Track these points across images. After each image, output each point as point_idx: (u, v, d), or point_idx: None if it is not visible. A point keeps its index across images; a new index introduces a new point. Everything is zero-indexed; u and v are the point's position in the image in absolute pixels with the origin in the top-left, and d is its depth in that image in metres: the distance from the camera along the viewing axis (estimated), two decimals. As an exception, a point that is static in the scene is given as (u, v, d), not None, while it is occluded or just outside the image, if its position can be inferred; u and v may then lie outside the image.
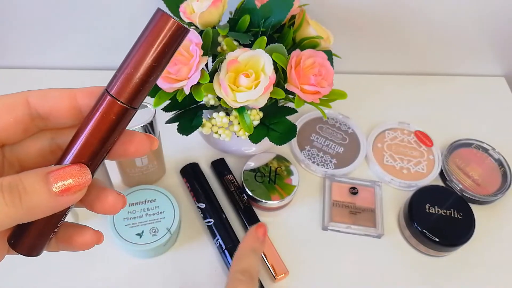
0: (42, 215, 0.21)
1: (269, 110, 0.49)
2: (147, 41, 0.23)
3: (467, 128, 0.67)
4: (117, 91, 0.22)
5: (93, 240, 0.24)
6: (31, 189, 0.20)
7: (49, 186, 0.20)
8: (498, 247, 0.55)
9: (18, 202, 0.19)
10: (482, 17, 0.66)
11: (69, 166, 0.21)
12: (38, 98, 0.23)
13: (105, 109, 0.22)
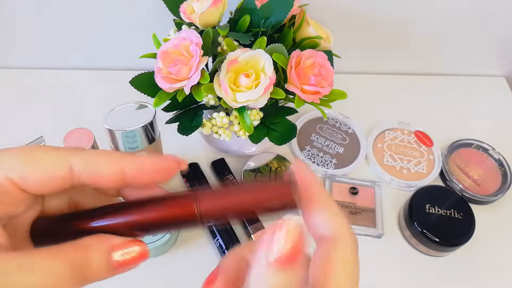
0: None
1: (269, 110, 0.49)
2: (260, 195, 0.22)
3: (467, 128, 0.67)
4: (205, 211, 0.22)
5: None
6: (96, 269, 0.21)
7: (111, 265, 0.21)
8: (498, 247, 0.55)
9: (85, 280, 0.20)
10: (482, 17, 0.66)
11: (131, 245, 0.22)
12: (84, 167, 0.22)
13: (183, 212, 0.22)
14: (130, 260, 0.22)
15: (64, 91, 0.65)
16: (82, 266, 0.20)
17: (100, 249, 0.21)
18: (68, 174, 0.21)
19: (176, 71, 0.42)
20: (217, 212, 0.22)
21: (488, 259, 0.54)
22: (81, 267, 0.20)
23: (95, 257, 0.21)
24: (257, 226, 0.52)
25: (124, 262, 0.21)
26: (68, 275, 0.20)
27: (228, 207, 0.22)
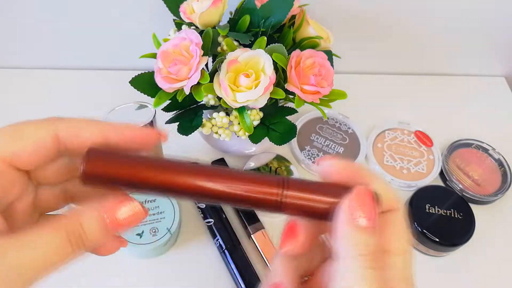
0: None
1: (269, 110, 0.49)
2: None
3: (467, 128, 0.67)
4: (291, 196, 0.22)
5: (116, 247, 0.25)
6: (92, 237, 0.21)
7: (105, 226, 0.22)
8: (498, 247, 0.55)
9: (82, 247, 0.21)
10: (482, 17, 0.66)
11: (123, 205, 0.22)
12: (69, 134, 0.22)
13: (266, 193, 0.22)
14: (124, 220, 0.22)
15: (64, 91, 0.65)
16: (77, 232, 0.21)
17: (92, 213, 0.22)
18: (55, 142, 0.22)
19: (176, 71, 0.42)
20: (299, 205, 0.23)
21: (488, 259, 0.54)
22: (76, 233, 0.21)
23: (87, 221, 0.21)
24: (257, 226, 0.52)
25: (118, 222, 0.22)
26: (65, 243, 0.21)
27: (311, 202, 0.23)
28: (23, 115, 0.66)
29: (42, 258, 0.20)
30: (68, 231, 0.21)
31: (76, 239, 0.21)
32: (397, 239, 0.23)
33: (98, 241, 0.22)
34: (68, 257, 0.21)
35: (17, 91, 0.65)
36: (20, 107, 0.63)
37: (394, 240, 0.23)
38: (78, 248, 0.21)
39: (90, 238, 0.21)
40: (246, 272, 0.48)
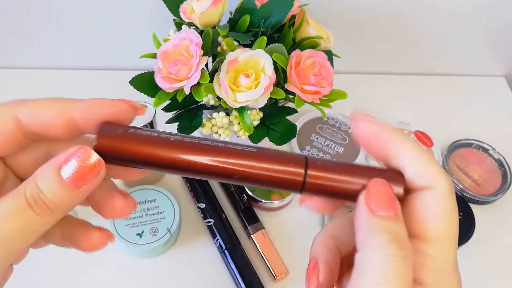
0: (75, 205, 0.21)
1: (269, 110, 0.49)
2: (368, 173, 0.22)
3: (467, 128, 0.66)
4: (314, 176, 0.21)
5: (100, 242, 0.23)
6: (50, 193, 0.20)
7: (64, 183, 0.20)
8: (498, 247, 0.55)
9: (47, 209, 0.20)
10: (482, 17, 0.66)
11: (72, 153, 0.20)
12: (30, 116, 0.21)
13: (289, 173, 0.21)
14: (81, 172, 0.20)
15: (64, 91, 0.65)
16: (34, 192, 0.19)
17: (46, 172, 0.20)
18: (17, 126, 0.21)
19: (176, 71, 0.42)
20: (320, 185, 0.21)
21: (488, 259, 0.54)
22: (34, 194, 0.19)
23: (44, 181, 0.20)
24: (257, 226, 0.52)
25: (76, 176, 0.20)
26: (26, 208, 0.19)
27: (333, 182, 0.22)
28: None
29: (4, 228, 0.19)
30: (26, 195, 0.19)
31: (35, 200, 0.19)
32: (429, 223, 0.20)
33: (62, 199, 0.20)
34: (36, 224, 0.20)
35: (17, 91, 0.65)
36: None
37: (425, 223, 0.20)
38: (41, 210, 0.19)
39: (50, 197, 0.19)
40: (246, 272, 0.48)
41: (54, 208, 0.20)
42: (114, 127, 0.21)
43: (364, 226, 0.20)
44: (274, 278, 0.49)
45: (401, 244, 0.19)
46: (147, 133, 0.21)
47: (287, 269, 0.50)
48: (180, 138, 0.22)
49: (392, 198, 0.20)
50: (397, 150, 0.21)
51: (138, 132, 0.21)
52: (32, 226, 0.19)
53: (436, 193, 0.21)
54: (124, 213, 0.23)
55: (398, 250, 0.19)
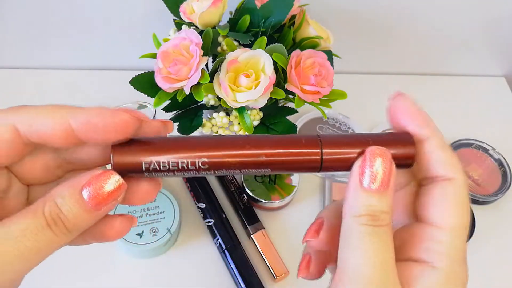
0: (89, 226, 0.21)
1: (269, 110, 0.49)
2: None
3: (467, 128, 0.66)
4: (329, 153, 0.22)
5: (125, 227, 0.23)
6: (70, 214, 0.20)
7: (85, 205, 0.20)
8: (498, 247, 0.55)
9: (65, 230, 0.20)
10: (482, 17, 0.66)
11: (95, 177, 0.20)
12: (27, 126, 0.20)
13: (308, 155, 0.22)
14: (104, 194, 0.20)
15: (64, 91, 0.65)
16: (54, 213, 0.19)
17: (67, 192, 0.20)
18: (15, 135, 0.20)
19: (176, 71, 0.42)
20: (336, 159, 0.22)
21: (488, 259, 0.54)
22: (53, 214, 0.19)
23: (64, 202, 0.20)
24: (257, 226, 0.52)
25: (98, 198, 0.20)
26: (45, 228, 0.19)
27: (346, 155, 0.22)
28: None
29: (21, 247, 0.19)
30: (45, 214, 0.19)
31: (55, 221, 0.19)
32: (444, 212, 0.21)
33: (80, 221, 0.20)
34: (53, 243, 0.20)
35: (17, 92, 0.65)
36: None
37: (441, 213, 0.21)
38: (60, 231, 0.19)
39: (70, 219, 0.20)
40: (246, 272, 0.48)
41: (72, 228, 0.20)
42: (125, 146, 0.21)
43: (351, 194, 0.21)
44: (274, 278, 0.49)
45: (377, 217, 0.20)
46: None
47: (287, 269, 0.50)
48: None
49: (388, 172, 0.21)
50: (429, 134, 0.22)
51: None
52: (48, 245, 0.20)
53: (457, 184, 0.22)
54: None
55: (372, 222, 0.20)
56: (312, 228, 0.26)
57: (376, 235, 0.20)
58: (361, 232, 0.20)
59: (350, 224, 0.21)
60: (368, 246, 0.20)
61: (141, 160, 0.21)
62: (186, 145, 0.22)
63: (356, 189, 0.21)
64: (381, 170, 0.21)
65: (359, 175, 0.21)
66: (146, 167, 0.21)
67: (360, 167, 0.21)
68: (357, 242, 0.20)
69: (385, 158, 0.21)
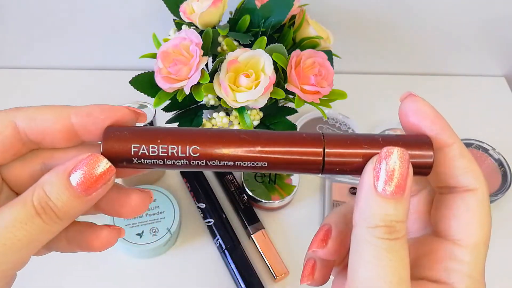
0: (81, 213, 0.20)
1: (269, 110, 0.49)
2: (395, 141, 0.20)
3: (467, 128, 0.66)
4: (333, 154, 0.20)
5: (110, 239, 0.23)
6: (59, 201, 0.19)
7: (73, 191, 0.19)
8: (498, 247, 0.55)
9: (55, 217, 0.19)
10: (482, 17, 0.66)
11: (82, 161, 0.19)
12: (27, 122, 0.20)
13: (309, 154, 0.20)
14: (92, 179, 0.19)
15: (64, 91, 0.65)
16: (43, 200, 0.19)
17: (55, 179, 0.19)
18: (14, 132, 0.20)
19: (176, 71, 0.42)
20: (340, 160, 0.20)
21: (488, 259, 0.54)
22: (42, 201, 0.19)
23: (52, 189, 0.19)
24: (257, 226, 0.52)
25: (86, 183, 0.19)
26: (34, 217, 0.19)
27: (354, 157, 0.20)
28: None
29: (12, 237, 0.18)
30: (34, 203, 0.19)
31: (43, 208, 0.19)
32: (467, 228, 0.20)
33: (70, 207, 0.19)
34: (44, 232, 0.19)
35: (17, 92, 0.65)
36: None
37: (464, 227, 0.20)
38: (50, 219, 0.19)
39: (59, 205, 0.19)
40: (246, 272, 0.48)
41: (62, 216, 0.19)
42: (118, 128, 0.21)
43: (363, 200, 0.19)
44: (274, 278, 0.49)
45: (393, 229, 0.18)
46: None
47: (287, 269, 0.50)
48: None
49: (405, 175, 0.19)
50: (451, 140, 0.20)
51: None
52: (39, 234, 0.19)
53: (480, 196, 0.20)
54: (142, 208, 0.22)
55: (388, 234, 0.18)
56: (319, 236, 0.24)
57: (393, 250, 0.18)
58: (376, 246, 0.18)
59: (363, 235, 0.19)
60: (384, 263, 0.18)
61: (130, 144, 0.21)
62: (177, 133, 0.21)
63: (370, 194, 0.19)
64: (397, 173, 0.19)
65: (373, 178, 0.19)
66: (135, 152, 0.20)
67: (374, 168, 0.19)
68: (372, 258, 0.18)
69: (403, 159, 0.19)
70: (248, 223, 0.52)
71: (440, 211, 0.21)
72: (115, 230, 0.23)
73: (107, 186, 0.20)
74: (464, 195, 0.20)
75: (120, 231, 0.23)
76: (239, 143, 0.21)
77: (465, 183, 0.20)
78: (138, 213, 0.22)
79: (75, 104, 0.22)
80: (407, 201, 0.19)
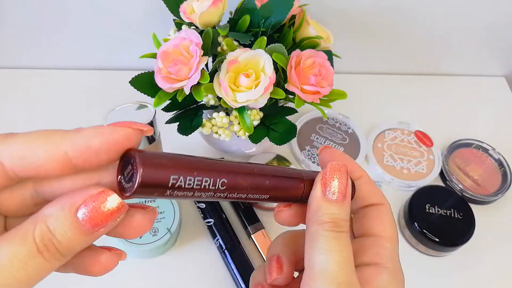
0: (82, 249, 0.19)
1: (269, 110, 0.49)
2: None
3: (467, 128, 0.67)
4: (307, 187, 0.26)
5: (109, 264, 0.22)
6: (65, 240, 0.18)
7: (80, 227, 0.18)
8: (498, 247, 0.55)
9: (59, 255, 0.18)
10: (482, 17, 0.66)
11: (92, 197, 0.18)
12: (16, 161, 0.18)
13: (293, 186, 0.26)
14: (101, 215, 0.18)
15: (64, 91, 0.65)
16: (46, 236, 0.17)
17: (61, 213, 0.18)
18: (1, 175, 0.18)
19: (176, 71, 0.42)
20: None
21: (488, 259, 0.54)
22: (45, 239, 0.17)
23: (57, 225, 0.18)
24: (257, 226, 0.52)
25: (95, 220, 0.18)
26: (36, 255, 0.17)
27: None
28: (23, 115, 0.66)
29: (9, 277, 0.17)
30: (36, 239, 0.17)
31: (46, 245, 0.17)
32: (385, 226, 0.27)
33: (75, 244, 0.18)
34: (44, 269, 0.18)
35: (17, 92, 0.65)
36: (20, 108, 0.63)
37: (382, 227, 0.27)
38: (52, 256, 0.18)
39: (63, 243, 0.18)
40: (246, 272, 0.48)
41: (66, 252, 0.18)
42: (153, 154, 0.19)
43: (314, 204, 0.25)
44: (274, 278, 0.49)
45: (339, 224, 0.24)
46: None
47: (287, 269, 0.50)
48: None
49: (345, 182, 0.25)
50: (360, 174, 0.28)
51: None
52: (40, 273, 0.18)
53: (387, 207, 0.28)
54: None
55: (335, 227, 0.24)
56: (273, 266, 0.29)
57: (339, 238, 0.24)
58: (326, 236, 0.24)
59: (316, 229, 0.24)
60: (333, 248, 0.23)
61: (169, 175, 0.19)
62: (208, 164, 0.21)
63: (319, 199, 0.24)
64: (339, 182, 0.25)
65: (322, 187, 0.25)
66: (173, 183, 0.19)
67: (322, 180, 0.25)
68: (323, 244, 0.23)
69: (343, 172, 0.25)
70: (248, 223, 0.52)
71: (363, 220, 0.28)
72: (116, 253, 0.22)
73: (117, 223, 0.19)
74: (377, 208, 0.28)
75: (121, 255, 0.22)
76: (255, 176, 0.23)
77: (376, 201, 0.28)
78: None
79: (75, 104, 0.21)
80: (348, 204, 0.25)
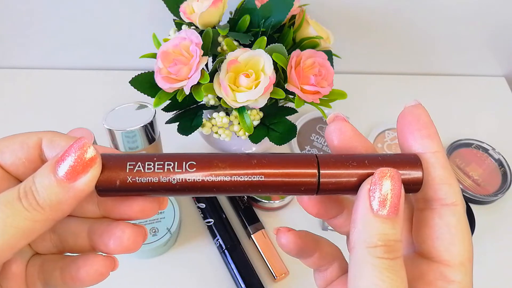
0: (69, 209, 0.19)
1: (269, 110, 0.49)
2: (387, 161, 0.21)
3: (467, 128, 0.66)
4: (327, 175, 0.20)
5: (104, 270, 0.23)
6: (41, 186, 0.19)
7: (60, 180, 0.19)
8: (498, 247, 0.55)
9: (36, 204, 0.19)
10: (482, 17, 0.66)
11: (70, 147, 0.19)
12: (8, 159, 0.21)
13: (303, 176, 0.20)
14: (77, 166, 0.19)
15: (64, 91, 0.65)
16: (28, 187, 0.19)
17: (43, 167, 0.19)
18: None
19: (176, 71, 0.42)
20: (335, 183, 0.20)
21: (488, 259, 0.54)
22: (27, 188, 0.19)
23: (40, 179, 0.19)
24: (257, 226, 0.52)
25: (72, 171, 0.19)
26: (15, 199, 0.18)
27: (348, 178, 0.20)
28: (23, 115, 0.66)
29: None
30: (19, 187, 0.19)
31: (26, 192, 0.19)
32: (452, 248, 0.20)
33: (51, 193, 0.19)
34: (26, 219, 0.18)
35: (17, 91, 0.65)
36: (20, 108, 0.63)
37: (454, 247, 0.20)
38: (29, 204, 0.18)
39: (40, 190, 0.18)
40: (246, 272, 0.48)
41: (43, 203, 0.19)
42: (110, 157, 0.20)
43: (360, 222, 0.19)
44: (274, 278, 0.49)
45: (391, 248, 0.19)
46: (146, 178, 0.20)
47: (287, 269, 0.50)
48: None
49: (398, 195, 0.19)
50: (421, 147, 0.21)
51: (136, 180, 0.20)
52: (19, 220, 0.18)
53: (458, 212, 0.20)
54: (136, 244, 0.22)
55: (387, 254, 0.19)
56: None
57: (393, 270, 0.18)
58: (377, 266, 0.18)
59: (363, 255, 0.19)
60: (387, 284, 0.18)
61: (126, 162, 0.20)
62: (173, 153, 0.21)
63: (367, 216, 0.19)
64: (392, 194, 0.19)
65: (369, 200, 0.19)
66: (130, 168, 0.20)
67: (370, 190, 0.19)
68: (373, 278, 0.18)
69: (395, 180, 0.19)
70: (248, 223, 0.52)
71: (422, 231, 0.21)
72: (109, 261, 0.23)
73: (91, 176, 0.19)
74: (442, 212, 0.20)
75: (115, 263, 0.23)
76: (236, 158, 0.20)
77: (443, 194, 0.20)
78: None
79: (75, 104, 0.22)
80: (401, 220, 0.19)
